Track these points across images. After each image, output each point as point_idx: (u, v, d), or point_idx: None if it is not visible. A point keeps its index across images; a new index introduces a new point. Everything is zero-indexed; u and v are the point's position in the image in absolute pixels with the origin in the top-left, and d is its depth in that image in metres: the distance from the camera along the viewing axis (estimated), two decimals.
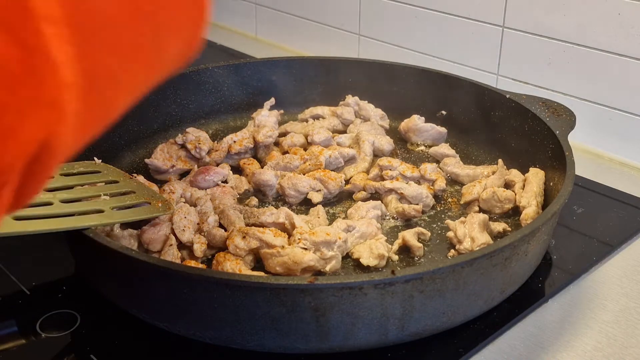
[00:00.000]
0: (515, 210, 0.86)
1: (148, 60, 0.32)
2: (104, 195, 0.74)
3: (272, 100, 1.10)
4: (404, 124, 1.07)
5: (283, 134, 1.06)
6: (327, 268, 0.73)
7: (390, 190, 0.88)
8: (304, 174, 0.91)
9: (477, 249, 0.76)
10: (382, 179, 0.92)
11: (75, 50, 0.26)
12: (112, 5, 0.28)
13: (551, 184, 0.86)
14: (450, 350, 0.67)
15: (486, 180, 0.89)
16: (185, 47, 0.35)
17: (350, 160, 0.98)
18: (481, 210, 0.86)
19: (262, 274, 0.72)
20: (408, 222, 0.86)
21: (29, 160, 0.26)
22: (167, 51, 0.33)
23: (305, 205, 0.89)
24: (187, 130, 1.02)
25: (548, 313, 0.74)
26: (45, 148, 0.26)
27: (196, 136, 1.01)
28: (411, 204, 0.86)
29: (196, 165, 0.98)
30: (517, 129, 0.97)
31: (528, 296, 0.74)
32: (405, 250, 0.79)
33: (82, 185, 0.75)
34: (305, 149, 1.00)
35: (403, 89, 1.11)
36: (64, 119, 0.26)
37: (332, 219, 0.85)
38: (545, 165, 0.89)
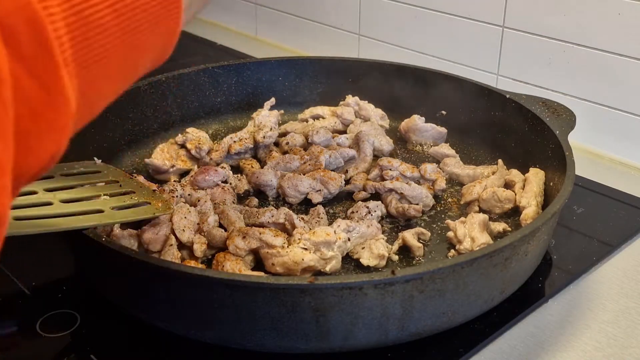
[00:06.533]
0: (515, 210, 0.86)
1: (128, 78, 0.41)
2: (104, 195, 0.74)
3: (272, 100, 1.10)
4: (404, 124, 1.07)
5: (283, 134, 1.06)
6: (327, 268, 0.73)
7: (390, 190, 0.88)
8: (304, 174, 0.91)
9: (477, 249, 0.76)
10: (382, 179, 0.92)
11: (80, 82, 0.34)
12: (110, 45, 0.36)
13: (551, 184, 0.86)
14: (450, 350, 0.67)
15: (486, 180, 0.89)
16: (156, 61, 0.43)
17: (350, 160, 0.98)
18: (481, 210, 0.86)
19: (262, 274, 0.72)
20: (408, 222, 0.86)
21: (43, 167, 0.34)
22: (143, 67, 0.42)
23: (305, 205, 0.89)
24: (187, 130, 1.02)
25: (548, 313, 0.74)
26: (53, 158, 0.34)
27: (196, 136, 1.01)
28: (411, 204, 0.86)
29: (196, 165, 0.98)
30: (517, 129, 0.97)
31: (528, 296, 0.74)
32: (405, 250, 0.79)
33: (82, 185, 0.75)
34: (305, 149, 1.00)
35: (403, 89, 1.11)
36: (68, 136, 0.35)
37: (332, 219, 0.85)
38: (545, 165, 0.89)
